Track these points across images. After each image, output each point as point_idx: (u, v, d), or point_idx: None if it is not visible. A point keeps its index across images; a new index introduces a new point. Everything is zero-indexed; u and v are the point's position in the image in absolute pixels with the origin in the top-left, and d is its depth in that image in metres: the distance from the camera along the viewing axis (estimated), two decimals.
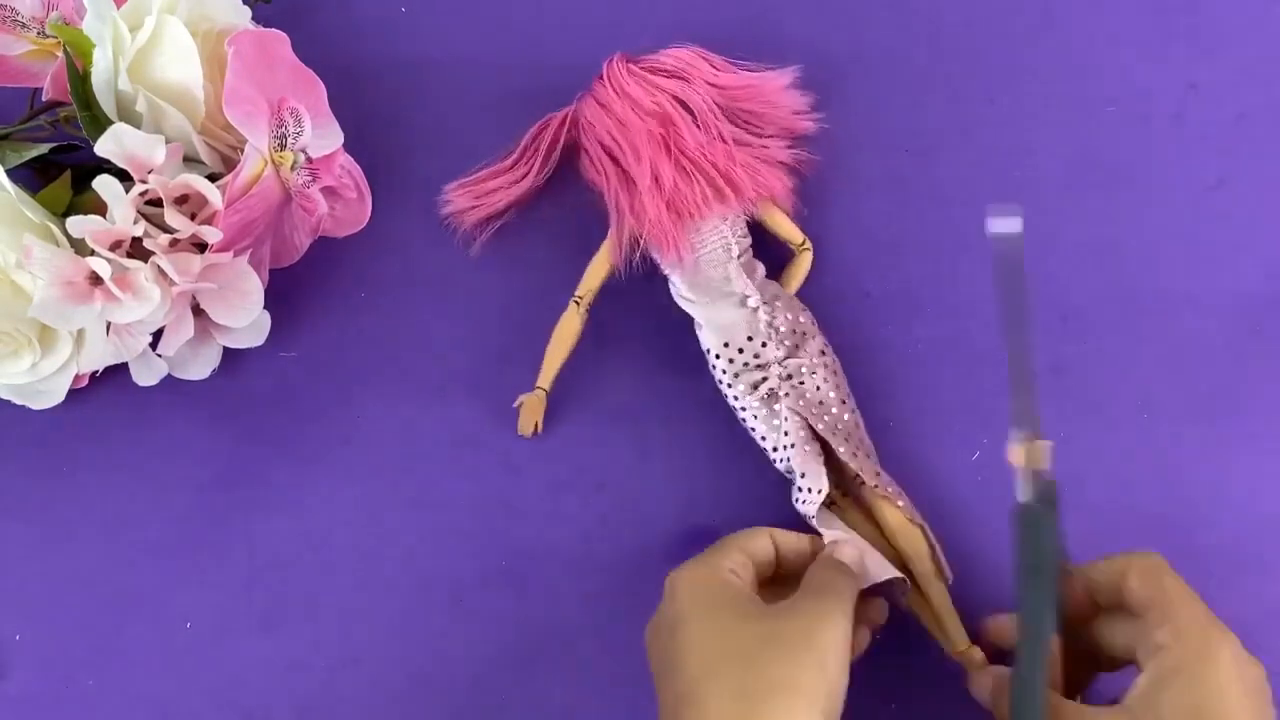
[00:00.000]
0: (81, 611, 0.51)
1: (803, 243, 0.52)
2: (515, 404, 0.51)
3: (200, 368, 0.52)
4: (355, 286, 0.55)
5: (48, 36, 0.51)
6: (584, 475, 0.52)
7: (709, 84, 0.52)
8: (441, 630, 0.50)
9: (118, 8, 0.47)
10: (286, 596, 0.51)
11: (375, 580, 0.51)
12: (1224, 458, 0.50)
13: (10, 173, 0.47)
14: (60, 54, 0.49)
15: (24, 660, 0.50)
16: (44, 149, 0.51)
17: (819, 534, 0.47)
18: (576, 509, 0.51)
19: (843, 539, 0.46)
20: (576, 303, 0.51)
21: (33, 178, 0.52)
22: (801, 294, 0.53)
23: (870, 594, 0.45)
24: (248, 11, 0.51)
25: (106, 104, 0.48)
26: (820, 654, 0.39)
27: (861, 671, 0.47)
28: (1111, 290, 0.53)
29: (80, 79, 0.48)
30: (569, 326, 0.51)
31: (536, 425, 0.51)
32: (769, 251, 0.53)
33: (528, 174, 0.54)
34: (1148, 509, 0.50)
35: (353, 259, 0.55)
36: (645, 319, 0.52)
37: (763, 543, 0.45)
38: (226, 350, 0.52)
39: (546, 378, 0.51)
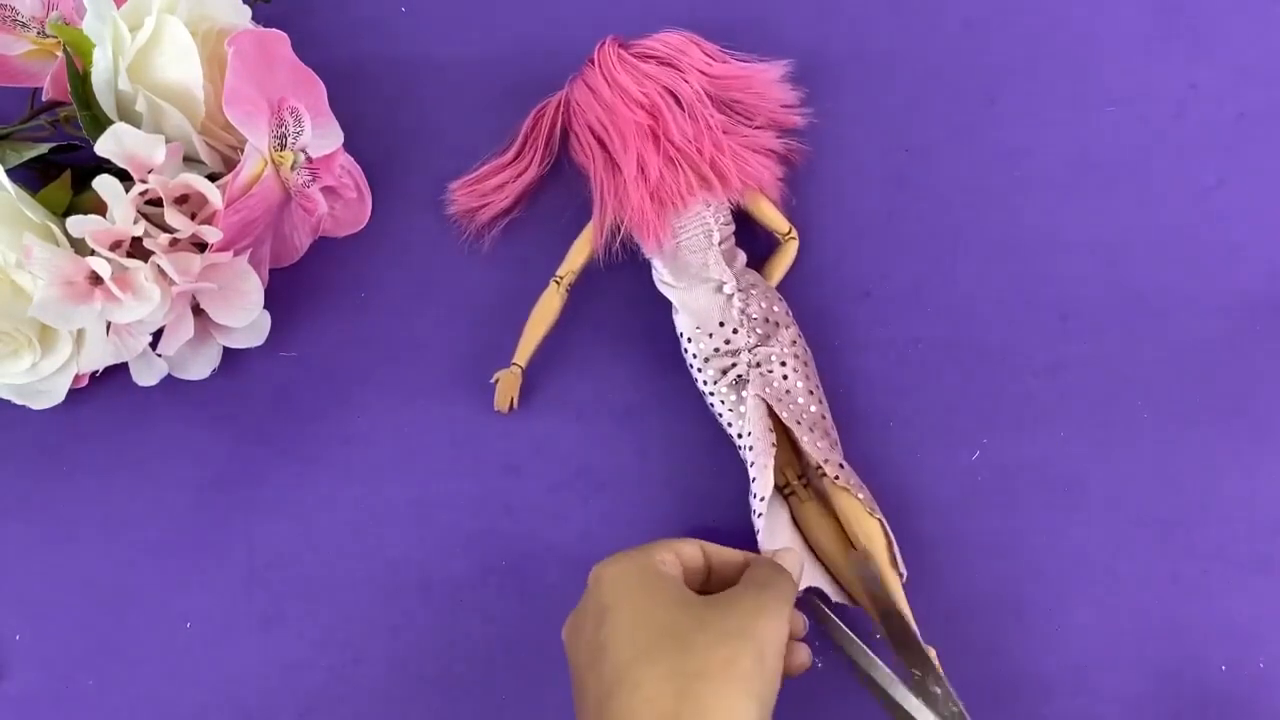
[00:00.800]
0: (81, 611, 0.51)
1: (788, 232, 0.53)
2: (492, 379, 0.51)
3: (200, 368, 0.52)
4: (355, 286, 0.55)
5: (48, 36, 0.51)
6: (584, 475, 0.52)
7: (700, 72, 0.52)
8: (441, 630, 0.50)
9: (118, 8, 0.47)
10: (286, 596, 0.51)
11: (375, 580, 0.51)
12: (1224, 457, 0.50)
13: (10, 173, 0.47)
14: (60, 54, 0.49)
15: (24, 660, 0.50)
16: (44, 149, 0.51)
17: (756, 551, 0.46)
18: (576, 509, 0.51)
19: (785, 549, 0.46)
20: (557, 282, 0.51)
21: (33, 178, 0.52)
22: (801, 293, 0.53)
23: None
24: (248, 11, 0.51)
25: (106, 104, 0.48)
26: (760, 644, 0.38)
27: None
28: (1111, 290, 0.53)
29: (80, 79, 0.48)
30: (549, 305, 0.51)
31: (512, 402, 0.51)
32: (759, 241, 0.53)
33: (530, 164, 0.54)
34: (1148, 509, 0.50)
35: (353, 259, 0.55)
36: (647, 319, 0.52)
37: (692, 550, 0.44)
38: (226, 350, 0.52)
39: (523, 355, 0.51)
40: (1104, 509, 0.50)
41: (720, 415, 0.49)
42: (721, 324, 0.49)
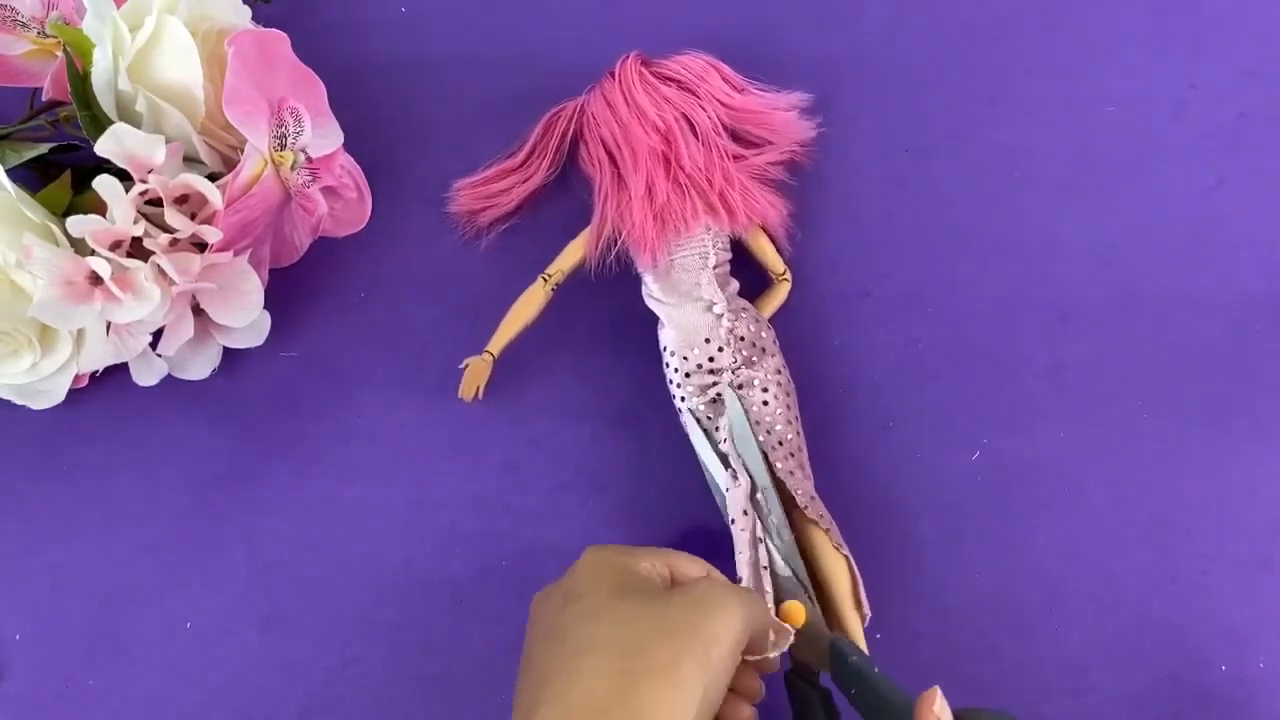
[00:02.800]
0: (81, 611, 0.51)
1: (783, 273, 0.52)
2: (461, 365, 0.51)
3: (200, 368, 0.52)
4: (355, 286, 0.55)
5: (48, 36, 0.51)
6: (584, 475, 0.52)
7: (718, 101, 0.52)
8: (441, 630, 0.50)
9: (118, 8, 0.47)
10: (286, 596, 0.51)
11: (375, 580, 0.51)
12: (1224, 457, 0.50)
13: (10, 173, 0.47)
14: (60, 54, 0.49)
15: (24, 660, 0.50)
16: (44, 149, 0.51)
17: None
18: (576, 509, 0.51)
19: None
20: (545, 279, 0.51)
21: (33, 178, 0.53)
22: (801, 293, 0.53)
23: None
24: (248, 11, 0.51)
25: (106, 104, 0.48)
26: (705, 644, 0.37)
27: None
28: (1111, 290, 0.53)
29: (80, 79, 0.48)
30: (532, 300, 0.51)
31: (478, 391, 0.51)
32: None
33: (537, 171, 0.54)
34: (1148, 509, 0.50)
35: (353, 259, 0.55)
36: (647, 321, 0.52)
37: (696, 569, 0.42)
38: (226, 350, 0.52)
39: (497, 344, 0.51)
40: (1104, 509, 0.50)
41: (692, 435, 0.49)
42: (707, 340, 0.48)
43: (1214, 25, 0.57)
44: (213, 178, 0.47)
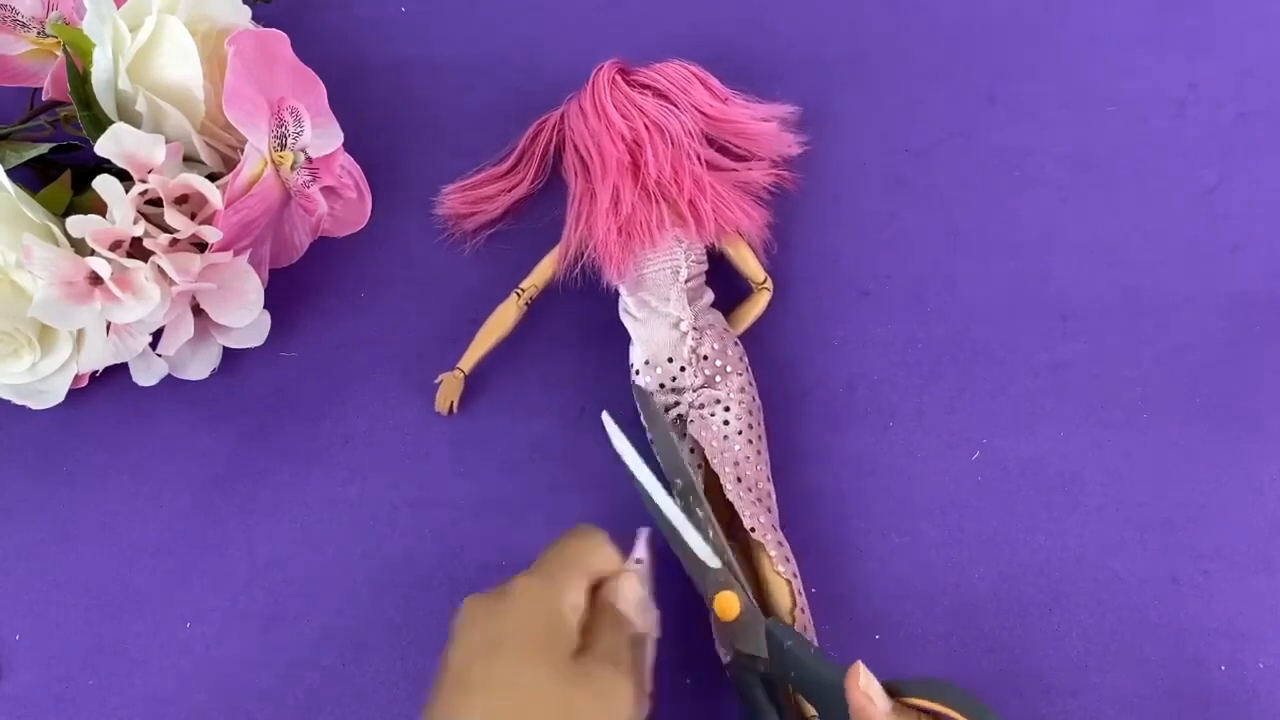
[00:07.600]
0: (81, 611, 0.51)
1: (763, 282, 0.52)
2: (435, 380, 0.51)
3: (200, 368, 0.52)
4: (355, 286, 0.55)
5: (48, 36, 0.51)
6: (583, 475, 0.52)
7: (697, 110, 0.52)
8: (442, 630, 0.50)
9: (118, 8, 0.47)
10: (286, 596, 0.51)
11: (376, 580, 0.51)
12: (1224, 457, 0.50)
13: (10, 173, 0.47)
14: (60, 54, 0.49)
15: (24, 660, 0.50)
16: (44, 149, 0.51)
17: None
18: (576, 509, 0.51)
19: (632, 572, 0.43)
20: (518, 294, 0.51)
21: (33, 178, 0.53)
22: (800, 293, 0.53)
23: None
24: (248, 11, 0.51)
25: (106, 104, 0.48)
26: None
27: None
28: (1111, 290, 0.53)
29: (80, 79, 0.48)
30: (505, 316, 0.51)
31: (452, 405, 0.51)
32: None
33: (523, 179, 0.54)
34: (1148, 509, 0.50)
35: (353, 259, 0.55)
36: None
37: (606, 562, 0.43)
38: (226, 350, 0.52)
39: (469, 360, 0.51)
40: (1104, 509, 0.50)
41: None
42: (670, 359, 0.48)
43: (1214, 25, 0.57)
44: (213, 178, 0.47)
